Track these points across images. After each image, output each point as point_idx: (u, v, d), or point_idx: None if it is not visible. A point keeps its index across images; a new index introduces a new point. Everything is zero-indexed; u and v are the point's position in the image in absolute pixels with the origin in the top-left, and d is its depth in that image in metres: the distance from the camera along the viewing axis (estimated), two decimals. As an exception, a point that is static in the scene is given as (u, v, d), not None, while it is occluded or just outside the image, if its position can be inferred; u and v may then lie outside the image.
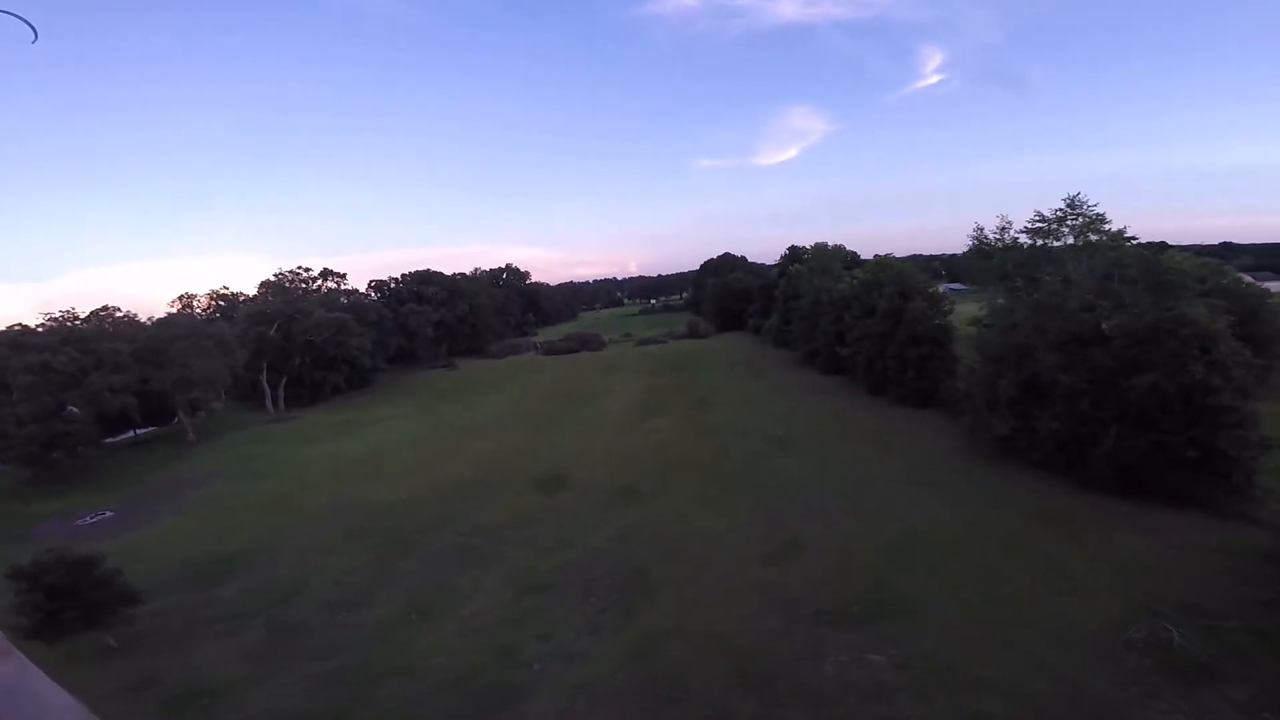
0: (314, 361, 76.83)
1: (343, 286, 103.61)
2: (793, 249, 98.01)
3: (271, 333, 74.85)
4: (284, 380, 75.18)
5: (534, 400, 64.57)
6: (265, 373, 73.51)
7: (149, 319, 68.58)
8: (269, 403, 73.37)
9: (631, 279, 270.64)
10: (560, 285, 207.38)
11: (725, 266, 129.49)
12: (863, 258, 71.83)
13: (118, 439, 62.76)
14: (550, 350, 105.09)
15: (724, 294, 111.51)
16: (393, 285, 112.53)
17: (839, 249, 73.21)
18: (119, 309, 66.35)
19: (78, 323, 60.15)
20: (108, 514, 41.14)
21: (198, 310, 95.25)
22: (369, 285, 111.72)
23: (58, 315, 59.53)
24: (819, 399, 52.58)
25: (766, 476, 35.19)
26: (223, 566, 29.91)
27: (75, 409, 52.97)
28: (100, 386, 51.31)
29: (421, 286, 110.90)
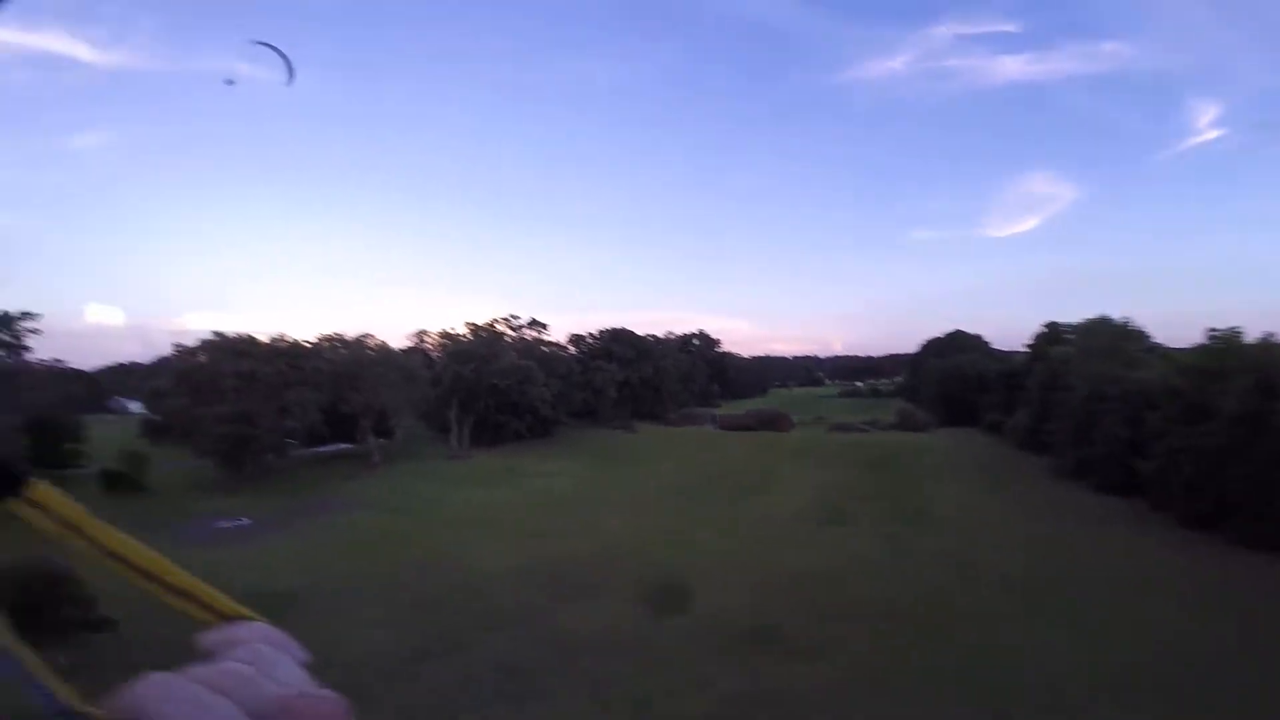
0: (498, 405, 78.32)
1: (543, 337, 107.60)
2: (1052, 326, 76.93)
3: (467, 373, 78.76)
4: (470, 419, 77.96)
5: (695, 479, 55.07)
6: (455, 409, 77.15)
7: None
8: (453, 439, 76.25)
9: (834, 358, 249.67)
10: (753, 358, 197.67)
11: (954, 346, 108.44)
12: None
13: (319, 450, 66.84)
14: (729, 424, 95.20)
15: (951, 379, 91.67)
16: (589, 340, 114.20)
17: (1127, 327, 53.16)
18: (373, 336, 74.36)
19: (338, 346, 67.72)
20: (245, 521, 41.50)
21: (429, 345, 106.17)
22: (568, 338, 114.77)
23: (326, 339, 68.03)
24: (1097, 530, 35.10)
25: (1003, 660, 21.18)
26: (277, 604, 25.48)
27: (294, 424, 59.53)
28: (293, 400, 55.53)
29: (613, 345, 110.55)
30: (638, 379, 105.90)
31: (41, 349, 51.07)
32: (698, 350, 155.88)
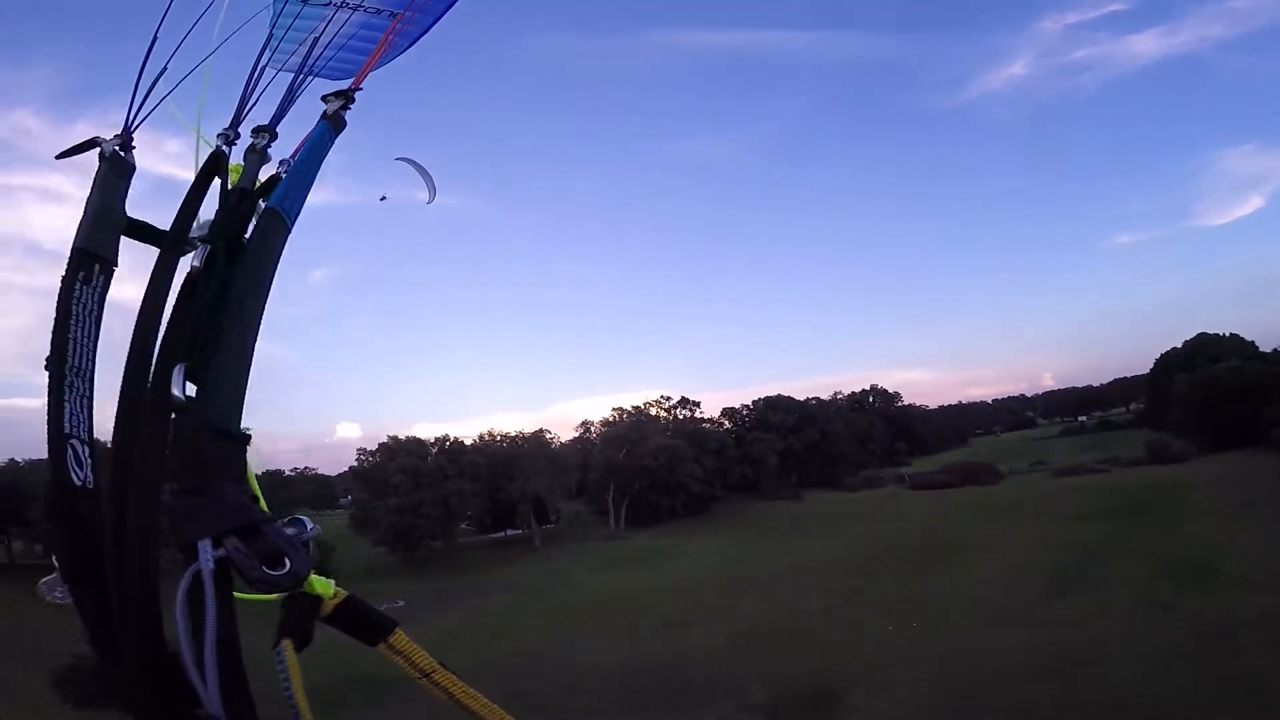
0: (650, 485, 76.98)
1: (696, 414, 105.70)
2: None
3: (621, 456, 79.14)
4: (625, 501, 77.37)
5: (868, 549, 46.35)
6: (611, 492, 77.31)
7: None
8: (610, 520, 76.10)
9: (1045, 393, 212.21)
10: (942, 408, 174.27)
11: (1204, 353, 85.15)
12: None
13: (491, 536, 73.19)
14: (920, 484, 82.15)
15: (1209, 392, 70.99)
16: (743, 412, 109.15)
17: None
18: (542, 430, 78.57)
19: (500, 442, 72.61)
20: (399, 604, 42.00)
21: (593, 434, 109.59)
22: (721, 413, 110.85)
23: (486, 436, 73.44)
24: None
25: None
26: (351, 691, 23.58)
27: (470, 513, 66.53)
28: (451, 490, 59.47)
29: (769, 413, 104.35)
30: (801, 446, 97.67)
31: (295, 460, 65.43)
32: (873, 408, 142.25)
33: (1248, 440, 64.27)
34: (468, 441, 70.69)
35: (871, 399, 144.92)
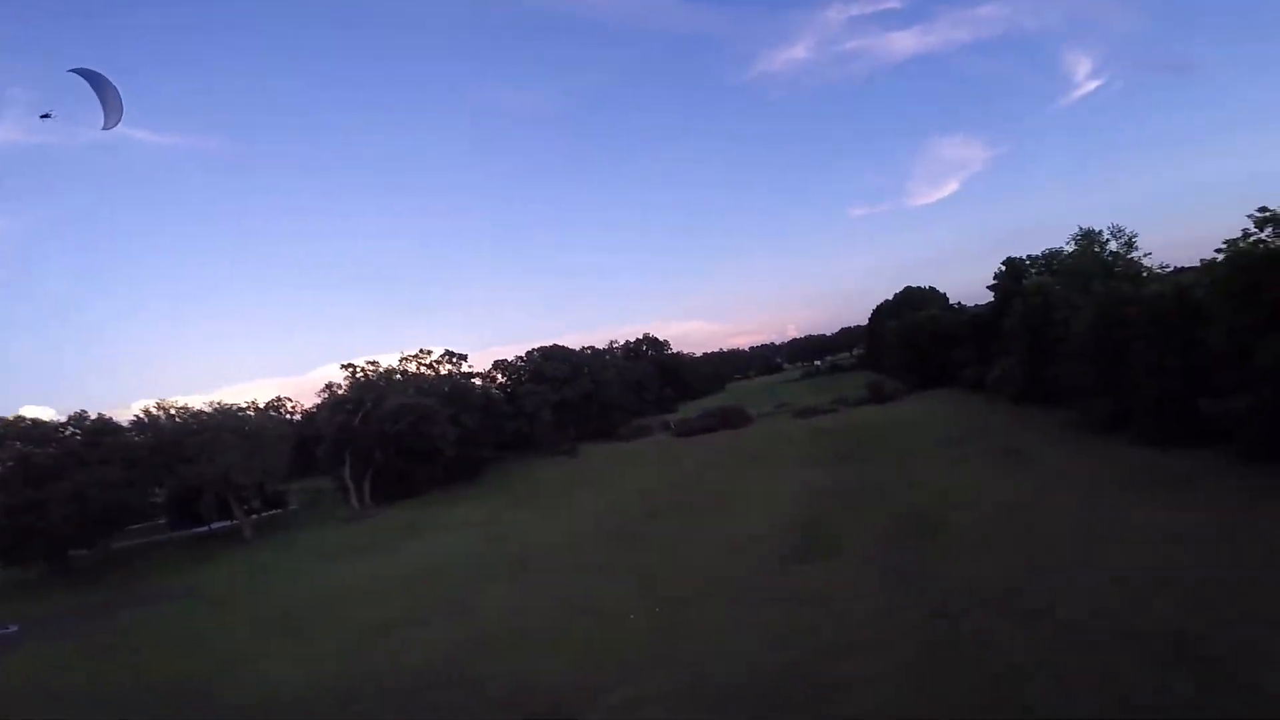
0: (397, 452, 64.73)
1: (462, 369, 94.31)
2: (1011, 262, 67.38)
3: (356, 422, 65.10)
4: (370, 472, 64.25)
5: (632, 510, 42.21)
6: (349, 464, 63.42)
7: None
8: (352, 499, 62.61)
9: (790, 342, 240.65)
10: (706, 355, 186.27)
11: (910, 304, 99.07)
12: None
13: (194, 531, 57.31)
14: (684, 430, 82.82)
15: (915, 338, 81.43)
16: (517, 364, 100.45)
17: (1124, 234, 42.59)
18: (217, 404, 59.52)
19: (173, 418, 53.50)
20: (11, 629, 34.87)
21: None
22: (493, 366, 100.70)
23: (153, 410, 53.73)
24: (1197, 506, 23.42)
25: None
26: None
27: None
28: (88, 481, 42.41)
29: (544, 365, 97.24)
30: (576, 397, 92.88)
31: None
32: (647, 356, 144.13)
33: (945, 380, 74.65)
34: (125, 419, 51.50)
35: (645, 347, 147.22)
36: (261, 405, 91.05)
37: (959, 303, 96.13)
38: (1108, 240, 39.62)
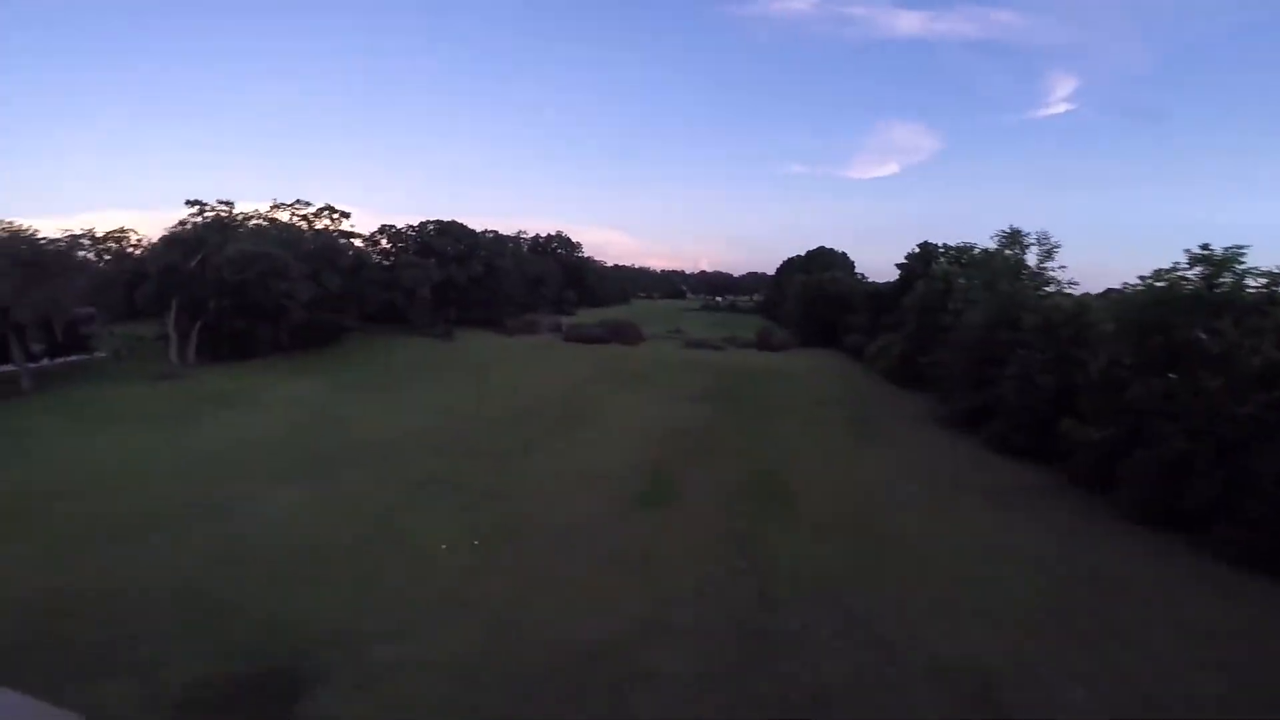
0: (236, 307, 55.23)
1: (342, 227, 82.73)
2: (926, 247, 67.41)
3: (192, 265, 54.35)
4: (198, 326, 54.55)
5: (487, 413, 38.45)
6: (174, 313, 53.33)
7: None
8: (172, 353, 52.98)
9: (699, 274, 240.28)
10: (618, 267, 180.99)
11: (818, 263, 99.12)
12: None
13: None
14: (575, 336, 79.05)
15: (814, 297, 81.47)
16: (407, 232, 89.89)
17: (1046, 241, 41.74)
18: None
19: None
20: None
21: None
22: (378, 230, 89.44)
23: None
24: (1034, 524, 23.44)
25: None
26: None
27: None
28: None
29: (435, 238, 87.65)
30: (464, 278, 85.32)
31: None
32: (554, 253, 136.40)
33: (833, 342, 75.53)
34: None
35: (555, 245, 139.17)
36: (96, 235, 75.74)
37: (863, 275, 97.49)
38: (1030, 244, 38.64)
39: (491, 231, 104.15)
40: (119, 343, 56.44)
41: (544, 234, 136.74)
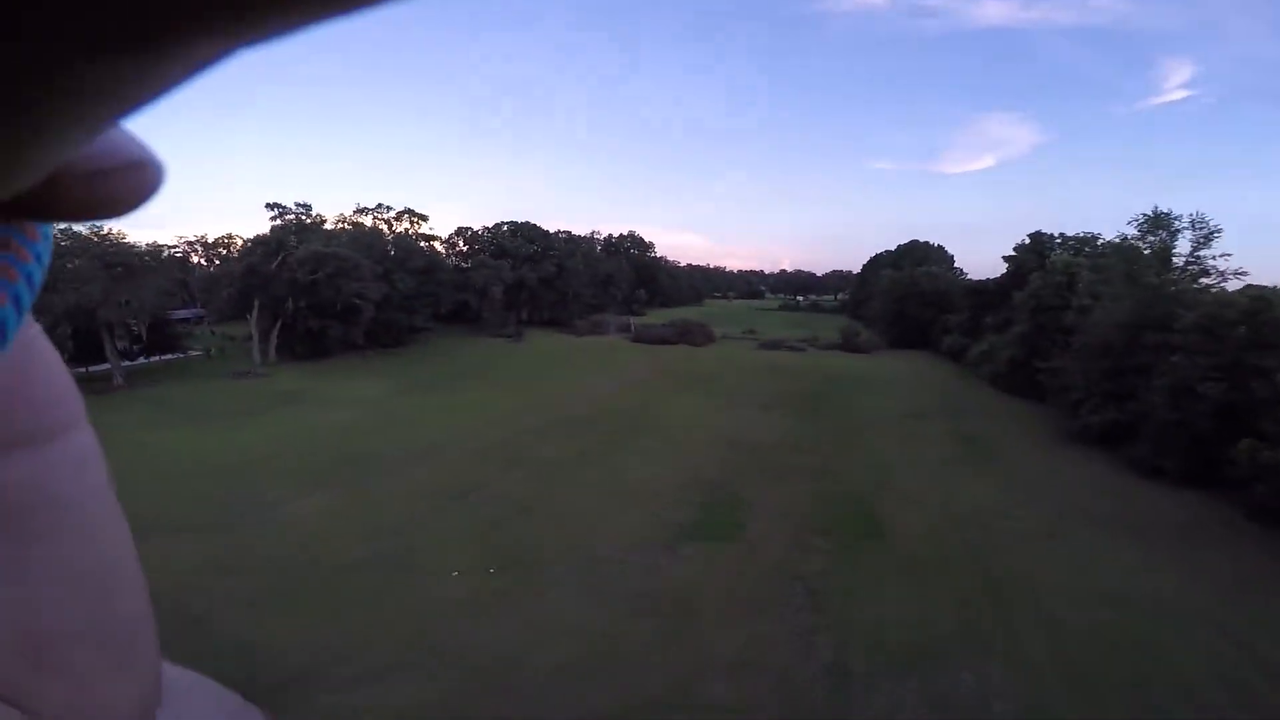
0: (310, 307, 56.65)
1: (420, 230, 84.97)
2: (1037, 238, 59.00)
3: (272, 267, 56.47)
4: (278, 325, 56.55)
5: (550, 414, 36.04)
6: (255, 313, 55.51)
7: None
8: (255, 351, 55.15)
9: (779, 273, 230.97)
10: (691, 267, 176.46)
11: (910, 258, 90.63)
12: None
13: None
14: (641, 337, 76.01)
15: (906, 294, 73.91)
16: (481, 234, 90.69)
17: (1201, 224, 33.98)
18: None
19: None
20: None
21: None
22: (454, 232, 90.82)
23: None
24: (1200, 570, 17.70)
25: None
26: None
27: None
28: None
29: (508, 239, 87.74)
30: (535, 279, 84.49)
31: None
32: (626, 253, 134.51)
33: (925, 344, 68.06)
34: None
35: (627, 245, 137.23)
36: (207, 241, 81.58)
37: (961, 270, 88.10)
38: (1181, 229, 31.40)
39: (565, 232, 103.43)
40: (211, 342, 59.61)
41: (616, 234, 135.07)
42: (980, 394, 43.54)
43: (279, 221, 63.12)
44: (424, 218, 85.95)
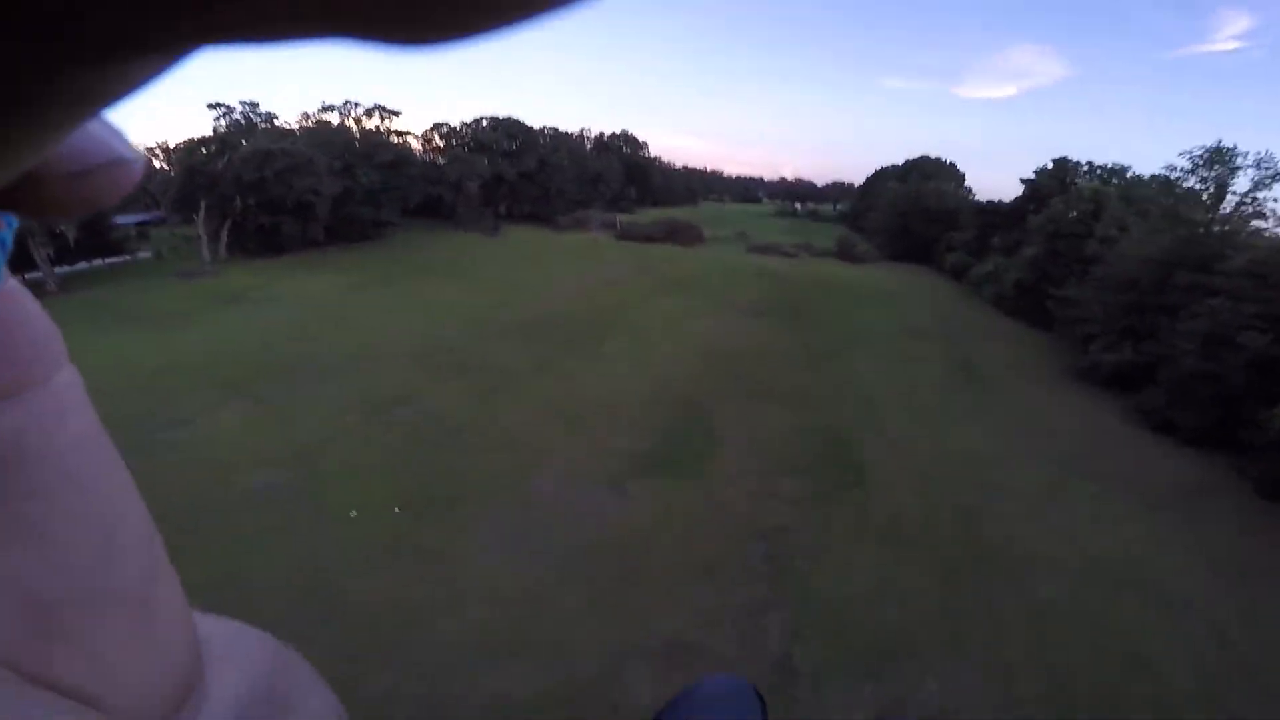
0: (259, 205, 51.91)
1: (391, 127, 77.60)
2: (1060, 164, 53.53)
3: (219, 167, 51.14)
4: (227, 224, 52.07)
5: (514, 313, 32.71)
6: (203, 211, 50.75)
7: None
8: (204, 251, 50.80)
9: (779, 181, 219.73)
10: (688, 169, 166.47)
11: (919, 172, 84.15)
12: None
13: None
14: (628, 234, 71.12)
15: (911, 208, 68.63)
16: (461, 130, 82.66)
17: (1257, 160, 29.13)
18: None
19: None
20: None
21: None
22: (430, 128, 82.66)
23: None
24: (1214, 547, 15.58)
25: None
26: None
27: None
28: None
29: (488, 134, 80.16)
30: (515, 174, 78.03)
31: None
32: (618, 152, 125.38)
33: (925, 259, 64.07)
34: None
35: (620, 144, 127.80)
36: (169, 146, 74.07)
37: (970, 190, 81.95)
38: (1243, 167, 26.93)
39: (551, 129, 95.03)
40: (165, 243, 54.86)
41: (609, 133, 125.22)
42: (982, 315, 40.30)
43: (222, 122, 57.58)
44: (395, 113, 77.91)
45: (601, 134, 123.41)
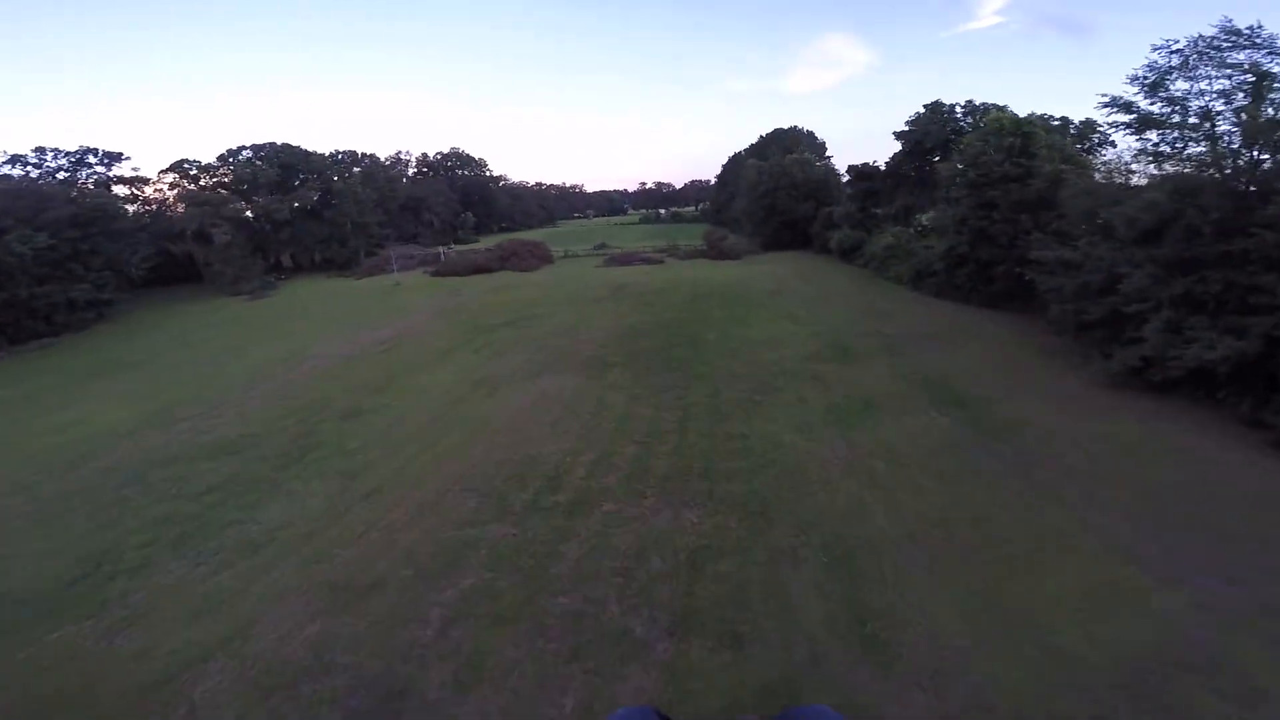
0: None
1: (112, 173, 56.84)
2: (935, 108, 45.69)
3: None
4: None
5: (138, 449, 16.33)
6: None
7: None
8: None
9: (638, 190, 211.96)
10: (542, 187, 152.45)
11: (776, 144, 76.01)
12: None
13: None
14: (445, 269, 55.19)
15: (775, 186, 58.63)
16: (214, 167, 61.99)
17: None
18: None
19: None
20: None
21: None
22: (169, 167, 61.24)
23: None
24: None
25: None
26: None
27: None
28: None
29: (249, 168, 60.66)
30: (287, 211, 59.61)
31: None
32: (448, 174, 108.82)
33: (803, 242, 54.22)
34: None
35: (452, 165, 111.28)
36: None
37: (831, 158, 74.80)
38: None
39: (339, 152, 76.89)
40: None
41: (433, 152, 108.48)
42: (911, 305, 29.14)
43: None
44: (115, 157, 57.08)
45: (425, 155, 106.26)
